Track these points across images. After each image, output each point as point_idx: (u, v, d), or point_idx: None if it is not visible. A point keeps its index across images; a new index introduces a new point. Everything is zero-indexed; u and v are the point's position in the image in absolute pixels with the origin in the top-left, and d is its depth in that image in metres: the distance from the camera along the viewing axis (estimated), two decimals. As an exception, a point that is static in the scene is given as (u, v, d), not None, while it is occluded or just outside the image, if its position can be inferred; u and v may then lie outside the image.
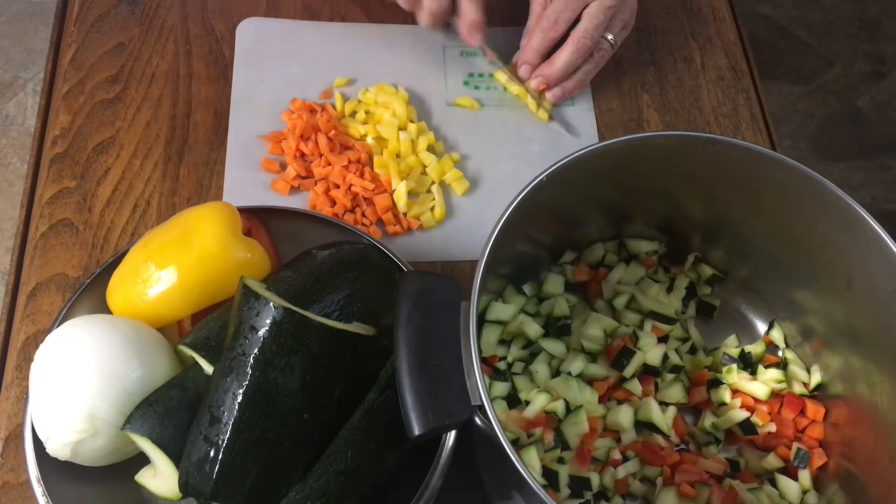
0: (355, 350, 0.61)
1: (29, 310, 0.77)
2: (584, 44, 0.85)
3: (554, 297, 0.77)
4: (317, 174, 0.84)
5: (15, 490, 0.69)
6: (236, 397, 0.56)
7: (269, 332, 0.57)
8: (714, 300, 0.80)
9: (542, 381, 0.73)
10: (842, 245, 0.67)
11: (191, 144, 0.86)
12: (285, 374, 0.57)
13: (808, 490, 0.71)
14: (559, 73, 0.87)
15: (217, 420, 0.57)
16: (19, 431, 0.71)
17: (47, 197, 0.82)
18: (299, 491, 0.57)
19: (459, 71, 0.94)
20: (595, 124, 0.92)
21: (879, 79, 2.23)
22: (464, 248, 0.83)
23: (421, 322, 0.56)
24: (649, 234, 0.80)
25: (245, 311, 0.58)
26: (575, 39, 0.85)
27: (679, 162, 0.70)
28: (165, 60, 0.91)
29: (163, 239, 0.66)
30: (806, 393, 0.75)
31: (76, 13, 0.93)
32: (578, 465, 0.70)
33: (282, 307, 0.57)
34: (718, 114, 0.94)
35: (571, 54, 0.86)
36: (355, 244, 0.69)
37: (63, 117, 0.87)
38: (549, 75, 0.87)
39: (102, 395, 0.59)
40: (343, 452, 0.59)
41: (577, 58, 0.86)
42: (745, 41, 1.01)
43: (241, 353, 0.57)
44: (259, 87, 0.90)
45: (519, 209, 0.62)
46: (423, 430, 0.52)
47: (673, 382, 0.75)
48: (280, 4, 0.97)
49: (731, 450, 0.75)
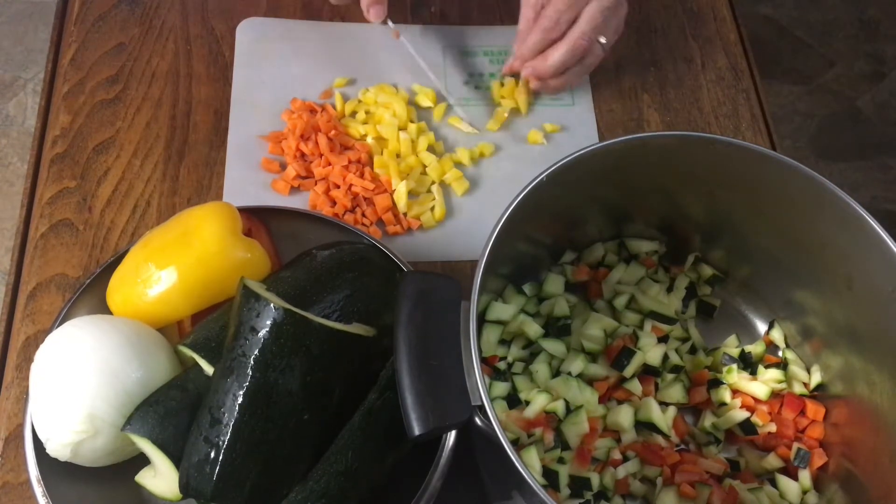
0: (355, 351, 0.61)
1: (29, 310, 0.77)
2: (580, 44, 0.85)
3: (554, 297, 0.77)
4: (317, 174, 0.84)
5: (15, 490, 0.69)
6: (237, 398, 0.56)
7: (270, 332, 0.57)
8: (714, 300, 0.80)
9: (542, 381, 0.73)
10: (842, 245, 0.67)
11: (191, 144, 0.86)
12: (286, 374, 0.57)
13: (808, 490, 0.71)
14: (551, 69, 0.87)
15: (217, 421, 0.57)
16: (19, 431, 0.71)
17: (47, 197, 0.82)
18: (300, 492, 0.57)
19: (459, 71, 0.94)
20: (595, 124, 0.92)
21: (879, 79, 2.23)
22: (464, 248, 0.83)
23: (421, 322, 0.56)
24: (649, 234, 0.80)
25: (245, 312, 0.58)
26: (571, 40, 0.85)
27: (679, 162, 0.70)
28: (165, 60, 0.91)
29: (163, 239, 0.66)
30: (806, 393, 0.75)
31: (76, 13, 0.93)
32: (578, 465, 0.70)
33: (282, 308, 0.57)
34: (718, 114, 0.94)
35: (566, 53, 0.85)
36: (355, 244, 0.69)
37: (63, 117, 0.87)
38: (541, 70, 0.87)
39: (102, 396, 0.59)
40: (343, 453, 0.59)
41: (571, 58, 0.86)
42: (745, 41, 1.01)
43: (242, 353, 0.57)
44: (259, 87, 0.90)
45: (519, 209, 0.62)
46: (423, 430, 0.52)
47: (673, 382, 0.75)
48: (280, 4, 0.97)
49: (731, 450, 0.75)
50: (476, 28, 0.96)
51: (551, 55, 0.86)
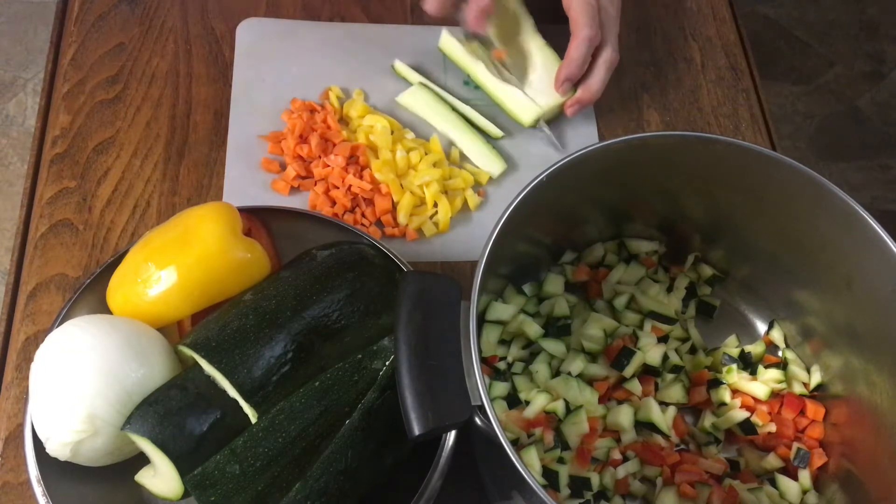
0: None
1: (29, 310, 0.77)
2: (614, 61, 0.87)
3: (554, 297, 0.77)
4: (316, 174, 0.84)
5: (15, 490, 0.69)
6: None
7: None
8: (714, 300, 0.80)
9: (542, 381, 0.73)
10: (842, 245, 0.67)
11: (191, 144, 0.86)
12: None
13: (808, 490, 0.71)
14: (597, 95, 0.87)
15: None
16: (19, 431, 0.71)
17: (47, 197, 0.82)
18: (300, 490, 0.57)
19: (459, 72, 0.94)
20: (595, 124, 0.92)
21: (879, 79, 2.23)
22: (464, 248, 0.83)
23: (421, 322, 0.56)
24: (649, 234, 0.80)
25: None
26: (606, 60, 0.87)
27: (679, 162, 0.70)
28: (165, 60, 0.91)
29: (163, 239, 0.66)
30: (806, 393, 0.75)
31: (76, 13, 0.93)
32: (578, 465, 0.70)
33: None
34: (718, 114, 0.94)
35: (606, 74, 0.87)
36: (355, 244, 0.69)
37: (63, 117, 0.87)
38: (587, 100, 0.88)
39: (102, 395, 0.59)
40: (343, 452, 0.59)
41: (609, 75, 0.87)
42: (745, 41, 1.01)
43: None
44: (259, 87, 0.90)
45: (519, 209, 0.62)
46: (423, 430, 0.52)
47: (673, 382, 0.75)
48: (280, 4, 0.97)
49: (731, 450, 0.75)
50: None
51: (594, 84, 0.87)
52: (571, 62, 0.85)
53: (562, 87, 0.87)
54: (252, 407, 0.60)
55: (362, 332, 0.64)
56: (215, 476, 0.57)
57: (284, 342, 0.61)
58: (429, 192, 0.83)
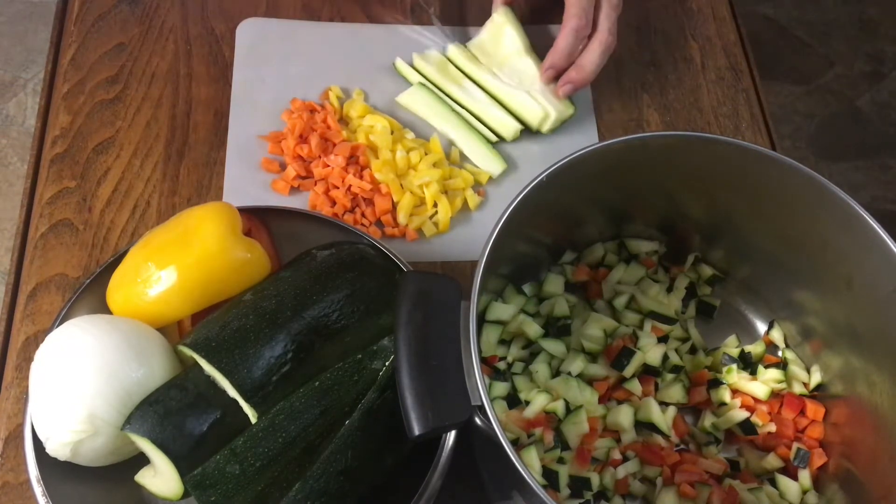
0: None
1: (29, 310, 0.77)
2: (610, 43, 0.86)
3: (554, 297, 0.77)
4: (316, 174, 0.84)
5: (15, 490, 0.69)
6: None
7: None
8: (714, 300, 0.80)
9: (542, 381, 0.73)
10: (842, 245, 0.67)
11: (191, 144, 0.86)
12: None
13: (808, 490, 0.71)
14: (591, 76, 0.87)
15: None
16: (19, 431, 0.71)
17: (47, 197, 0.82)
18: (299, 490, 0.57)
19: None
20: (595, 124, 0.92)
21: (879, 79, 2.23)
22: (464, 248, 0.83)
23: (421, 322, 0.56)
24: (649, 234, 0.80)
25: None
26: (601, 41, 0.86)
27: (679, 162, 0.70)
28: (165, 60, 0.91)
29: (163, 239, 0.66)
30: (806, 393, 0.75)
31: (76, 13, 0.93)
32: (578, 465, 0.70)
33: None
34: (718, 114, 0.94)
35: (602, 56, 0.86)
36: (355, 244, 0.70)
37: (63, 117, 0.87)
38: (580, 81, 0.87)
39: (102, 395, 0.59)
40: (343, 452, 0.59)
41: (604, 59, 0.87)
42: (745, 41, 1.01)
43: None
44: (259, 87, 0.90)
45: (519, 209, 0.62)
46: (423, 430, 0.52)
47: (673, 382, 0.75)
48: (280, 4, 0.97)
49: (731, 450, 0.75)
50: (476, 28, 0.96)
51: (587, 64, 0.86)
52: (557, 51, 0.86)
53: (545, 75, 0.88)
54: (252, 407, 0.60)
55: (362, 332, 0.64)
56: (215, 476, 0.57)
57: (284, 342, 0.61)
58: (429, 192, 0.83)
